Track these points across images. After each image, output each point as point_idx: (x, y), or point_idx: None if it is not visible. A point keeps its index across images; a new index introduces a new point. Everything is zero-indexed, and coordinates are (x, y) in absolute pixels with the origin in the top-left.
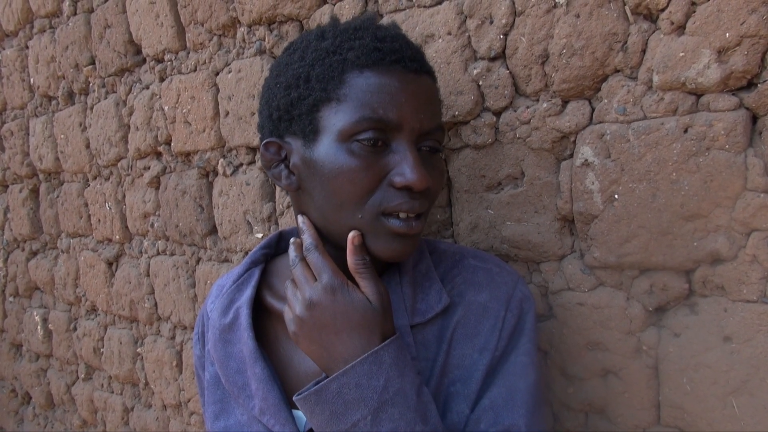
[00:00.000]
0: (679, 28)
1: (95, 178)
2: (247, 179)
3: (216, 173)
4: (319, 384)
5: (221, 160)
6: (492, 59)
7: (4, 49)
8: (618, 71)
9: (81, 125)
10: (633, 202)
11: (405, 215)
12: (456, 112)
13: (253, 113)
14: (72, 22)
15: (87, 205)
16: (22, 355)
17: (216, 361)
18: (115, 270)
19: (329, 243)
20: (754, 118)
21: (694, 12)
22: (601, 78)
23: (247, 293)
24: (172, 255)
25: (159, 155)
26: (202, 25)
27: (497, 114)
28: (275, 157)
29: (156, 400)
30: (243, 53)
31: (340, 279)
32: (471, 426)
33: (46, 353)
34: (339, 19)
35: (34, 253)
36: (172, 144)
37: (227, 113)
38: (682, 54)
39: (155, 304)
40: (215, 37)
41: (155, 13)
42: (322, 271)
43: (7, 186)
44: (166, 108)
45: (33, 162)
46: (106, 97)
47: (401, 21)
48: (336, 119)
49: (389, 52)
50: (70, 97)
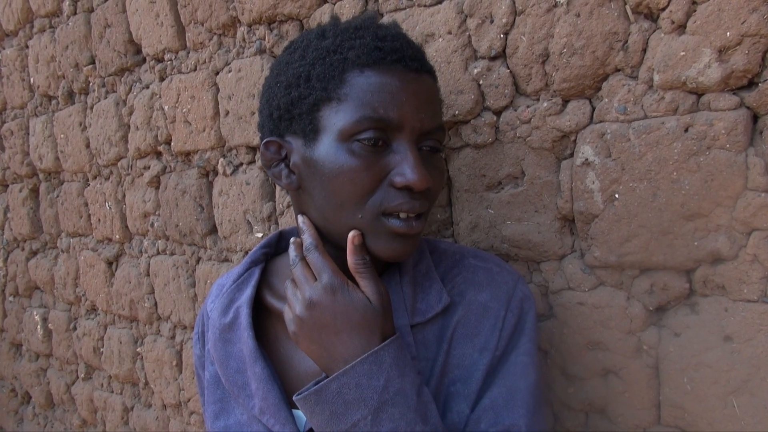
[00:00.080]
0: (680, 28)
1: (95, 178)
2: (247, 179)
3: (216, 173)
4: (319, 384)
5: (221, 159)
6: (492, 58)
7: (4, 48)
8: (618, 70)
9: (81, 125)
10: (633, 201)
11: (405, 215)
12: (456, 112)
13: (253, 113)
14: (72, 21)
15: (87, 204)
16: (22, 355)
17: (216, 361)
18: (115, 269)
19: (329, 243)
20: (755, 118)
21: (695, 11)
22: (602, 77)
23: (247, 293)
24: (172, 254)
25: (159, 155)
26: (202, 25)
27: (497, 113)
28: (275, 156)
29: (156, 400)
30: (243, 53)
31: (340, 279)
32: (471, 426)
33: (46, 353)
34: (339, 18)
35: (34, 253)
36: (172, 143)
37: (227, 113)
38: (682, 53)
39: (155, 304)
40: (215, 37)
41: (155, 12)
42: (322, 270)
43: (7, 185)
44: (166, 107)
45: (33, 161)
46: (106, 97)
47: (401, 20)
48: (336, 119)
49: (390, 52)
50: (70, 96)
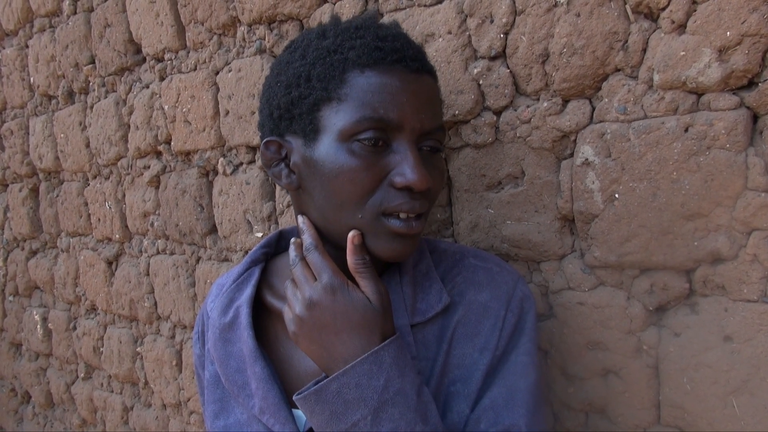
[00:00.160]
0: (680, 27)
1: (95, 178)
2: (247, 178)
3: (216, 172)
4: (319, 384)
5: (221, 159)
6: (492, 58)
7: (4, 48)
8: (618, 70)
9: (81, 124)
10: (633, 201)
11: (405, 215)
12: (456, 111)
13: (253, 112)
14: (72, 21)
15: (87, 204)
16: (22, 355)
17: (216, 360)
18: (115, 269)
19: (329, 243)
20: (755, 118)
21: (695, 11)
22: (602, 77)
23: (247, 292)
24: (172, 254)
25: (159, 154)
26: (202, 24)
27: (498, 113)
28: (275, 156)
29: (156, 400)
30: (243, 52)
31: (340, 279)
32: (471, 426)
33: (46, 352)
34: (340, 18)
35: (34, 253)
36: (172, 143)
37: (227, 112)
38: (682, 53)
39: (155, 304)
40: (215, 36)
41: (155, 12)
42: (322, 270)
43: (6, 185)
44: (166, 107)
45: (33, 161)
46: (106, 97)
47: (401, 20)
48: (337, 119)
49: (390, 52)
50: (70, 96)
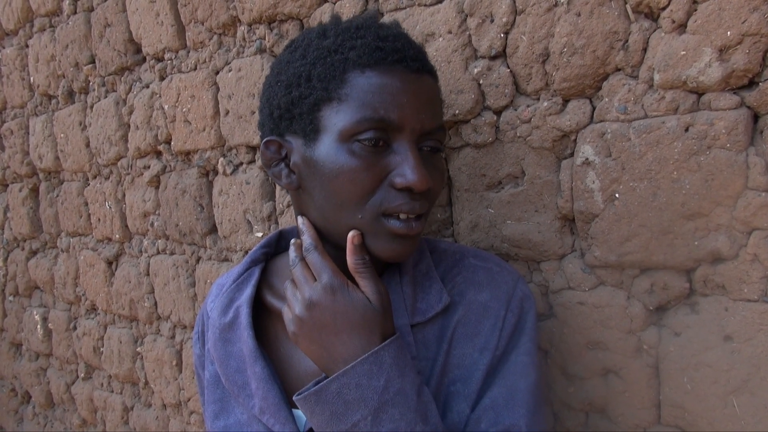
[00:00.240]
0: (681, 27)
1: (95, 177)
2: (247, 178)
3: (216, 172)
4: (319, 384)
5: (221, 159)
6: (492, 58)
7: (4, 47)
8: (619, 70)
9: (81, 124)
10: (634, 201)
11: (405, 216)
12: (456, 111)
13: (253, 112)
14: (72, 20)
15: (87, 204)
16: (22, 355)
17: (216, 360)
18: (115, 269)
19: (329, 243)
20: (756, 117)
21: (696, 10)
22: (602, 77)
23: (247, 292)
24: (172, 254)
25: (159, 154)
26: (203, 24)
27: (498, 113)
28: (275, 155)
29: (156, 400)
30: (243, 52)
31: (339, 279)
32: (471, 426)
33: (46, 352)
34: (341, 18)
35: (34, 252)
36: (172, 143)
37: (227, 112)
38: (683, 52)
39: (155, 304)
40: (215, 36)
41: (155, 11)
42: (321, 271)
43: (6, 185)
44: (166, 107)
45: (33, 161)
46: (106, 96)
47: (402, 20)
48: (337, 119)
49: (391, 52)
50: (70, 96)
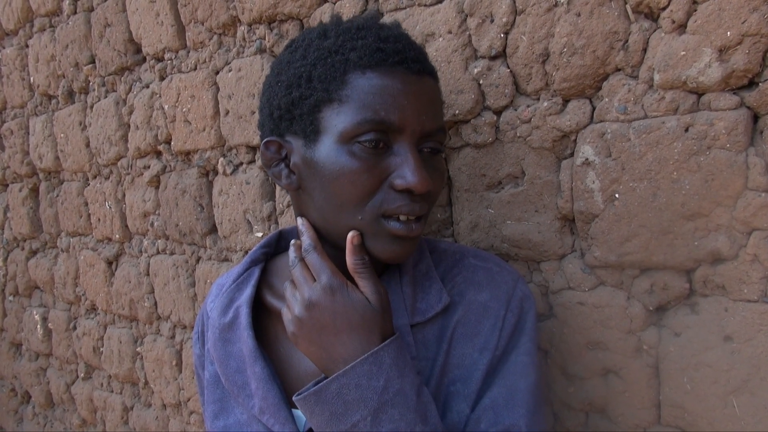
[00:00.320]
0: (680, 27)
1: (95, 177)
2: (247, 178)
3: (216, 172)
4: (318, 384)
5: (221, 159)
6: (492, 58)
7: (4, 47)
8: (619, 70)
9: (81, 124)
10: (634, 201)
11: (405, 218)
12: (456, 111)
13: (253, 112)
14: (72, 20)
15: (87, 204)
16: (22, 354)
17: (216, 360)
18: (115, 269)
19: (328, 243)
20: (755, 117)
21: (695, 11)
22: (602, 77)
23: (247, 292)
24: (172, 254)
25: (159, 154)
26: (203, 24)
27: (498, 113)
28: (275, 156)
29: (156, 400)
30: (243, 52)
31: (339, 279)
32: (471, 426)
33: (46, 352)
34: (341, 18)
35: (34, 252)
36: (172, 143)
37: (227, 112)
38: (683, 53)
39: (155, 304)
40: (215, 36)
41: (155, 11)
42: (320, 271)
43: (6, 185)
44: (166, 107)
45: (33, 161)
46: (106, 96)
47: (402, 19)
48: (338, 120)
49: (392, 53)
50: (70, 96)
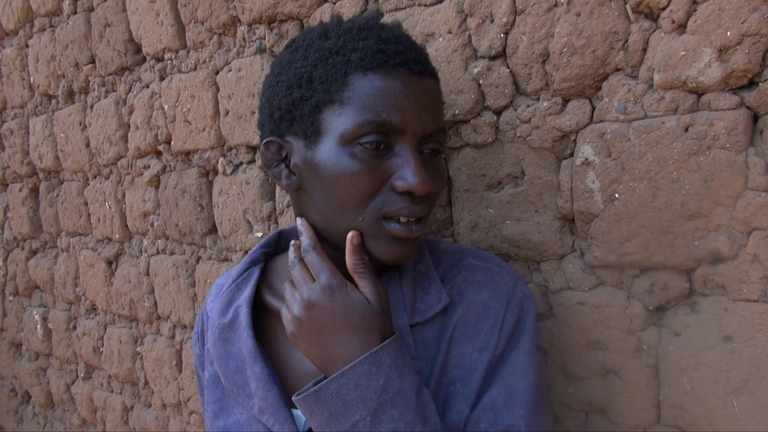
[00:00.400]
0: (680, 27)
1: (95, 177)
2: (247, 178)
3: (216, 172)
4: (318, 384)
5: (221, 159)
6: (492, 58)
7: (4, 47)
8: (619, 70)
9: (81, 124)
10: (633, 201)
11: (406, 219)
12: (456, 111)
13: (253, 112)
14: (72, 20)
15: (87, 204)
16: (22, 354)
17: (215, 360)
18: (115, 269)
19: (328, 244)
20: (755, 117)
21: (695, 11)
22: (602, 77)
23: (247, 292)
24: (172, 254)
25: (159, 154)
26: (203, 24)
27: (498, 113)
28: (275, 156)
29: (155, 400)
30: (243, 52)
31: (338, 279)
32: (471, 426)
33: (46, 352)
34: (342, 17)
35: (34, 252)
36: (172, 143)
37: (227, 112)
38: (683, 53)
39: (155, 303)
40: (215, 36)
41: (155, 11)
42: (320, 271)
43: (6, 185)
44: (166, 107)
45: (33, 161)
46: (106, 96)
47: (402, 19)
48: (339, 122)
49: (393, 54)
50: (70, 95)
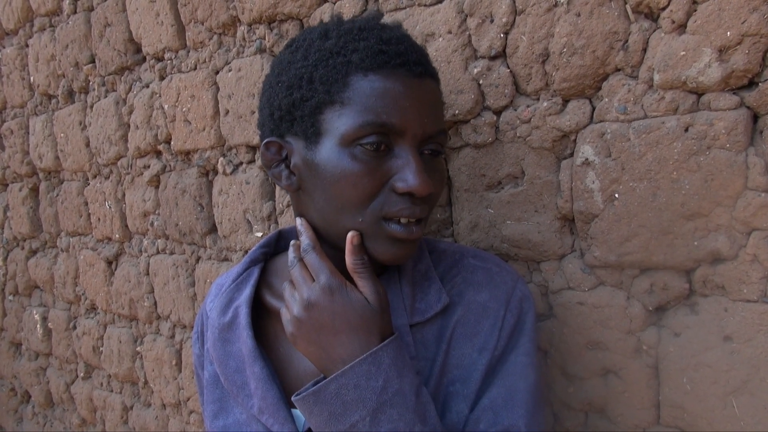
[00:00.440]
0: (680, 27)
1: (95, 177)
2: (246, 178)
3: (216, 172)
4: (317, 384)
5: (221, 158)
6: (492, 58)
7: (4, 47)
8: (619, 70)
9: (81, 124)
10: (633, 201)
11: (406, 220)
12: (456, 111)
13: (253, 112)
14: (72, 20)
15: (87, 203)
16: (22, 354)
17: (215, 360)
18: (115, 269)
19: (328, 244)
20: (755, 117)
21: (695, 11)
22: (602, 77)
23: (246, 292)
24: (172, 254)
25: (159, 154)
26: (203, 24)
27: (497, 113)
28: (276, 156)
29: (155, 399)
30: (243, 52)
31: (338, 279)
32: (470, 426)
33: (46, 352)
34: (342, 18)
35: (34, 252)
36: (172, 143)
37: (227, 112)
38: (683, 53)
39: (155, 303)
40: (215, 36)
41: (155, 11)
42: (319, 271)
43: (6, 185)
44: (166, 107)
45: (33, 161)
46: (106, 96)
47: (402, 20)
48: (339, 123)
49: (394, 55)
50: (70, 95)
